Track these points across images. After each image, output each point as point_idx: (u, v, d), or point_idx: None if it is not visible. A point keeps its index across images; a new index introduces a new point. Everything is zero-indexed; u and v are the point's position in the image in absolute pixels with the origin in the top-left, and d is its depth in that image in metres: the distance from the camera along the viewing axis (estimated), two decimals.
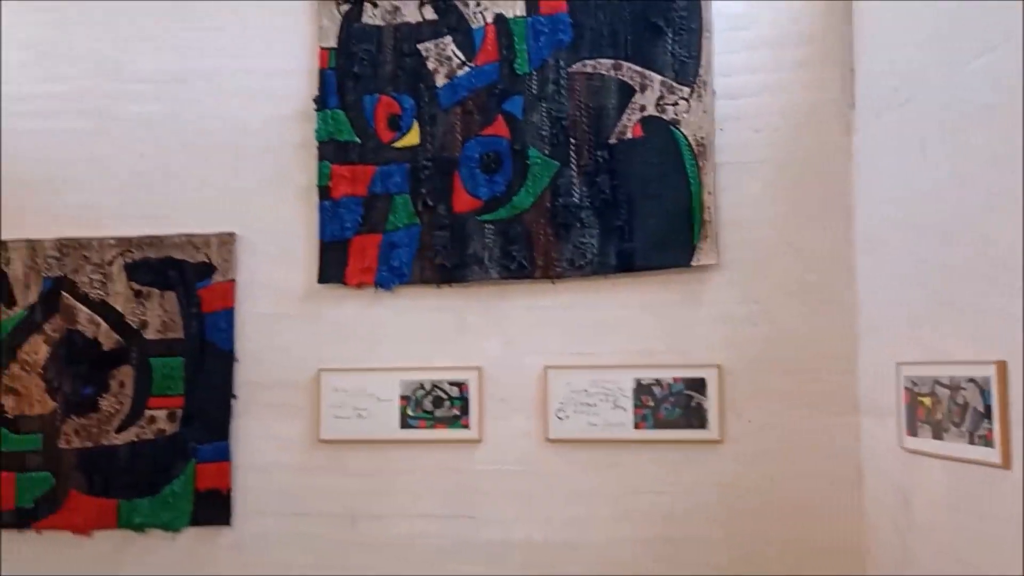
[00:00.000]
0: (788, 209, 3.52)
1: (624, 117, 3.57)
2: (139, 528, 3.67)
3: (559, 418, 3.56)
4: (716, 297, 3.54)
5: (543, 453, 3.59)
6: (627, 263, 3.54)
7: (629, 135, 3.57)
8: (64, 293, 3.72)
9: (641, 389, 3.53)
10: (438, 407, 3.62)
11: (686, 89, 3.55)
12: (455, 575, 3.57)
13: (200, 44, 3.85)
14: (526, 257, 3.57)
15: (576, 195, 3.57)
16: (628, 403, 3.54)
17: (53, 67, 3.88)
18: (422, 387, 3.63)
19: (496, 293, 3.65)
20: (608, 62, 3.60)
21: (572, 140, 3.58)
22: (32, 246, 3.75)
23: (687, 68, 3.56)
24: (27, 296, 3.73)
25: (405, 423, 3.63)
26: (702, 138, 3.52)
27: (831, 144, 3.49)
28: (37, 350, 3.72)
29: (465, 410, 3.60)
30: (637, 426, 3.53)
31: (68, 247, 3.75)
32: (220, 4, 3.84)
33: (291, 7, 3.80)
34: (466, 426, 3.60)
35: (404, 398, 3.63)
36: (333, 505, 3.66)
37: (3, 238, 3.78)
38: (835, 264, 3.47)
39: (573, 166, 3.58)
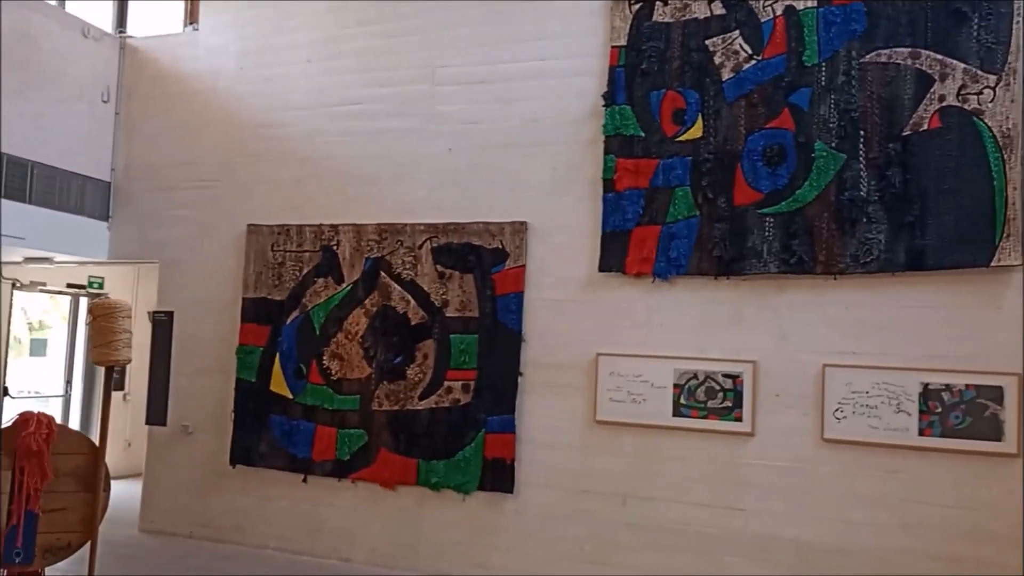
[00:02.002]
0: None
1: (920, 108, 3.39)
2: (435, 487, 4.07)
3: (836, 418, 3.47)
4: (1018, 301, 3.27)
5: (818, 452, 3.51)
6: (917, 261, 3.37)
7: (925, 126, 3.38)
8: (382, 272, 4.23)
9: (928, 394, 3.34)
10: (711, 398, 3.67)
11: (992, 77, 3.30)
12: (721, 568, 3.60)
13: (505, 50, 4.18)
14: (807, 252, 3.51)
15: (863, 189, 3.45)
16: (913, 408, 3.37)
17: (380, 74, 4.42)
18: (695, 377, 3.70)
19: (774, 287, 3.62)
20: (905, 51, 3.44)
21: (861, 132, 3.47)
22: (358, 230, 4.29)
23: (994, 55, 3.31)
24: (352, 274, 4.29)
25: (678, 411, 3.71)
26: (1008, 129, 3.26)
27: None
28: (358, 321, 4.27)
29: (738, 403, 3.62)
30: (923, 432, 3.35)
31: (387, 231, 4.24)
32: (525, 8, 4.15)
33: (588, 8, 4.01)
34: (739, 419, 3.62)
35: (677, 386, 3.71)
36: (606, 484, 3.83)
37: (336, 223, 4.38)
38: None
39: (861, 159, 3.46)
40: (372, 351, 4.23)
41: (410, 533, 4.13)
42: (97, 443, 2.68)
